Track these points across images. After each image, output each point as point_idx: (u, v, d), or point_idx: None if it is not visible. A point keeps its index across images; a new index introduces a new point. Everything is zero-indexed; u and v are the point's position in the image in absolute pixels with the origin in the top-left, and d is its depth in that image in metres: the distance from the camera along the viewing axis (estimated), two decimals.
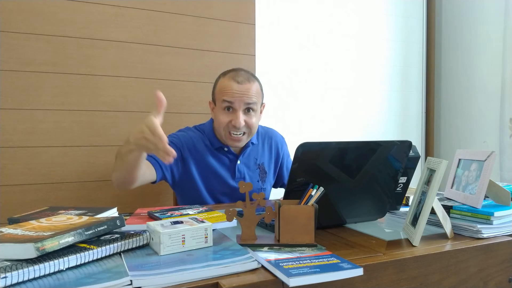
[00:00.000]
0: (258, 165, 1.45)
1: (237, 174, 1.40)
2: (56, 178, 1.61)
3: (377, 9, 2.36)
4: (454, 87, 2.43)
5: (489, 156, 0.93)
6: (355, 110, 2.32)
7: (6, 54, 1.52)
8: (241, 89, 1.28)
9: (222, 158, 1.40)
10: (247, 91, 1.29)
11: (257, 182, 1.43)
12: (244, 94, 1.28)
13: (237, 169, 1.40)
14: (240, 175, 1.41)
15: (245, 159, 1.43)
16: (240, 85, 1.29)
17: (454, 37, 2.42)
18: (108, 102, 1.69)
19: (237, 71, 1.34)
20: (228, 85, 1.29)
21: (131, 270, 0.62)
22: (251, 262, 0.66)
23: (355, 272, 0.63)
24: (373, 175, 0.92)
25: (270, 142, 1.50)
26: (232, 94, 1.28)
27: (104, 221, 0.74)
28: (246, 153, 1.43)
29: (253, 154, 1.45)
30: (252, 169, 1.44)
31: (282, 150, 1.53)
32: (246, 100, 1.28)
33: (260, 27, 2.03)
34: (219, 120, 1.32)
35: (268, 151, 1.49)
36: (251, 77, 1.34)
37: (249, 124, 1.31)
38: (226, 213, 0.79)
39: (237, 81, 1.29)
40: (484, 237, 0.85)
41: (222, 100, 1.30)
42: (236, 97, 1.28)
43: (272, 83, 2.09)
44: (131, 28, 1.71)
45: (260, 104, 1.37)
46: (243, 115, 1.29)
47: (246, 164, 1.43)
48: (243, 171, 1.41)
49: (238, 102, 1.28)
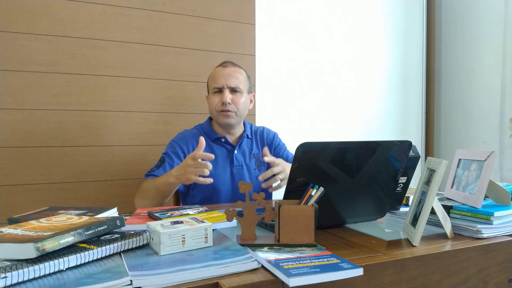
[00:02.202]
0: (254, 155, 1.54)
1: (235, 162, 1.48)
2: (56, 178, 1.61)
3: (377, 9, 2.36)
4: (454, 87, 2.43)
5: (489, 156, 0.93)
6: (355, 110, 2.32)
7: (6, 54, 1.52)
8: (227, 71, 1.45)
9: (220, 148, 1.49)
10: (233, 72, 1.46)
11: (254, 170, 1.51)
12: (229, 75, 1.45)
13: (235, 158, 1.48)
14: (238, 163, 1.49)
15: (242, 149, 1.52)
16: (226, 68, 1.47)
17: (454, 37, 2.42)
18: (108, 102, 1.69)
19: (225, 61, 1.52)
20: (216, 71, 1.48)
21: (131, 270, 0.62)
22: (251, 262, 0.66)
23: (355, 272, 0.63)
24: (373, 175, 0.92)
25: (262, 135, 1.60)
26: (219, 76, 1.45)
27: (104, 221, 0.74)
28: (243, 143, 1.53)
29: (248, 145, 1.55)
30: (249, 158, 1.52)
31: (275, 140, 1.61)
32: (231, 79, 1.44)
33: (260, 27, 2.03)
34: (211, 103, 1.46)
35: (261, 142, 1.58)
36: (237, 65, 1.51)
37: (235, 103, 1.43)
38: (226, 213, 0.78)
39: (223, 66, 1.48)
40: (484, 237, 0.85)
41: (212, 84, 1.46)
42: (222, 77, 1.44)
43: (272, 83, 2.09)
44: (131, 28, 1.71)
45: (246, 89, 1.49)
46: (229, 94, 1.43)
47: (243, 153, 1.52)
48: (241, 159, 1.50)
49: (224, 80, 1.43)
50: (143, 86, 1.75)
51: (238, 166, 1.48)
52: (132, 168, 1.74)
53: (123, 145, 1.72)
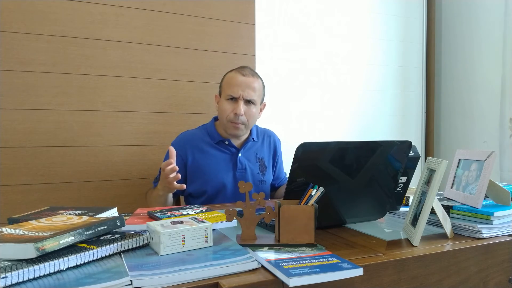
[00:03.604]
0: (258, 159, 1.51)
1: (239, 165, 1.45)
2: (56, 178, 1.61)
3: (377, 9, 2.36)
4: (454, 87, 2.42)
5: (489, 156, 0.93)
6: (355, 110, 2.32)
7: (6, 54, 1.52)
8: (245, 81, 1.40)
9: (224, 151, 1.46)
10: (251, 83, 1.41)
11: (258, 174, 1.49)
12: (247, 86, 1.40)
13: (238, 161, 1.45)
14: (242, 166, 1.46)
15: (246, 153, 1.49)
16: (244, 77, 1.41)
17: (454, 37, 2.42)
18: (108, 102, 1.69)
19: (244, 67, 1.47)
20: (234, 77, 1.42)
21: (131, 270, 0.62)
22: (251, 262, 0.66)
23: (355, 272, 0.63)
24: (373, 175, 0.92)
25: (269, 140, 1.57)
26: (236, 84, 1.40)
27: (104, 221, 0.74)
28: (247, 147, 1.49)
29: (254, 149, 1.51)
30: (253, 162, 1.49)
31: (279, 149, 1.60)
32: (248, 91, 1.40)
33: (260, 27, 2.03)
34: (222, 108, 1.42)
35: (267, 147, 1.56)
36: (255, 74, 1.46)
37: (248, 115, 1.40)
38: (226, 213, 0.79)
39: (242, 73, 1.42)
40: (484, 237, 0.85)
41: (228, 90, 1.41)
42: (239, 87, 1.39)
43: (272, 83, 2.09)
44: (131, 28, 1.71)
45: (260, 101, 1.46)
46: (244, 105, 1.39)
47: (247, 157, 1.48)
48: (244, 163, 1.47)
49: (241, 91, 1.39)
50: (143, 86, 1.74)
51: (241, 169, 1.45)
52: (132, 168, 1.74)
53: (123, 145, 1.72)
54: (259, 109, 1.47)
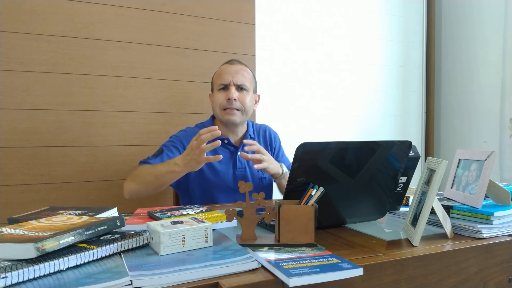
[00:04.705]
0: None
1: (238, 164, 1.45)
2: (56, 178, 1.61)
3: (377, 9, 2.36)
4: (454, 87, 2.42)
5: (489, 156, 0.93)
6: (355, 110, 2.32)
7: (6, 54, 1.52)
8: (234, 68, 1.43)
9: (223, 150, 1.45)
10: (240, 70, 1.43)
11: (257, 171, 1.48)
12: (237, 72, 1.42)
13: (238, 159, 1.45)
14: (241, 165, 1.46)
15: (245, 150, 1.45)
16: (232, 65, 1.45)
17: (454, 37, 2.42)
18: (108, 102, 1.69)
19: (231, 59, 1.51)
20: (222, 68, 1.46)
21: (131, 270, 0.62)
22: (251, 262, 0.66)
23: (355, 272, 0.63)
24: (373, 175, 0.92)
25: (265, 134, 1.58)
26: (226, 72, 1.42)
27: (104, 221, 0.74)
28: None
29: None
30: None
31: (275, 142, 1.60)
32: (238, 76, 1.41)
33: (260, 27, 2.03)
34: (216, 100, 1.43)
35: (264, 142, 1.57)
36: (243, 64, 1.49)
37: (241, 101, 1.40)
38: (226, 213, 0.79)
39: (230, 63, 1.46)
40: (484, 237, 0.85)
41: (218, 80, 1.43)
42: (229, 74, 1.41)
43: (272, 83, 2.09)
44: (131, 28, 1.71)
45: (253, 88, 1.47)
46: (236, 92, 1.40)
47: None
48: (244, 161, 1.46)
49: (231, 77, 1.40)
50: (143, 86, 1.74)
51: (241, 168, 1.45)
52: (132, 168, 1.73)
53: (123, 145, 1.72)
54: (253, 99, 1.47)
